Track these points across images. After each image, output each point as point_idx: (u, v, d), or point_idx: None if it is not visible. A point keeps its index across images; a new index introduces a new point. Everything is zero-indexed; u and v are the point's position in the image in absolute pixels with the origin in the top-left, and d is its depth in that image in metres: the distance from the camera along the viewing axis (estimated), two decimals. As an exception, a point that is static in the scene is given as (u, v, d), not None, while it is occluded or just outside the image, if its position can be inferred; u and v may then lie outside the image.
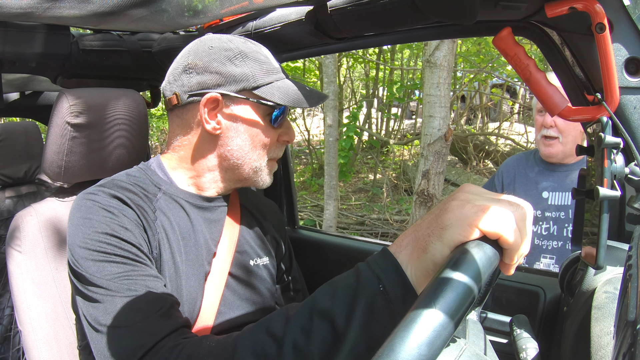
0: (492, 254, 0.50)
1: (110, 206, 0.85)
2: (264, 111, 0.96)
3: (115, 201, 0.87)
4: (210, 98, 0.92)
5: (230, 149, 0.96)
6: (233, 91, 0.93)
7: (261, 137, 0.97)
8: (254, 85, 0.93)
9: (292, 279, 1.23)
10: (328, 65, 4.45)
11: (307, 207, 6.37)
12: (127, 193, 0.90)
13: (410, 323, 0.42)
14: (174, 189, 0.99)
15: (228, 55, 0.93)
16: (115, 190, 0.89)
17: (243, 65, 0.93)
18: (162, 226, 0.92)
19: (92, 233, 0.82)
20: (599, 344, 0.59)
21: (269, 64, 0.97)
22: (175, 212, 0.96)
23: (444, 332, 0.42)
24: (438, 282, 0.46)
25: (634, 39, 0.79)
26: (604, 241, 0.74)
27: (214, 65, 0.92)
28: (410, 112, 10.08)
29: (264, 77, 0.94)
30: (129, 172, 1.00)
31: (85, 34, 1.43)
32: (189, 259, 0.94)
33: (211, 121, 0.94)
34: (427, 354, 0.40)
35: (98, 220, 0.83)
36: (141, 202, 0.91)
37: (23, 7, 0.93)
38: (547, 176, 1.68)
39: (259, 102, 0.94)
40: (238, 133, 0.96)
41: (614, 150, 0.74)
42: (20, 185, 1.99)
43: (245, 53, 0.94)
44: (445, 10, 0.89)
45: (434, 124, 2.76)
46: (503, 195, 0.56)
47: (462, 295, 0.44)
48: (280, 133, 1.01)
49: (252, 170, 0.99)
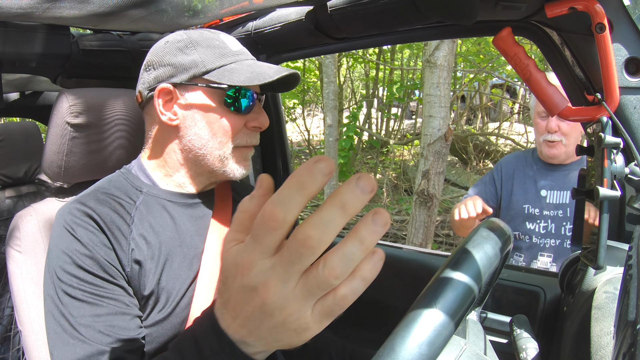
0: (492, 253, 0.50)
1: (81, 235, 0.86)
2: (219, 96, 0.94)
3: (86, 224, 0.87)
4: (162, 89, 0.94)
5: (190, 139, 0.95)
6: (184, 80, 0.93)
7: (220, 123, 0.94)
8: (204, 70, 0.92)
9: None
10: (328, 65, 4.45)
11: (307, 207, 6.37)
12: (103, 208, 0.90)
13: (410, 322, 0.42)
14: (156, 190, 0.99)
15: (179, 46, 0.94)
16: (91, 207, 0.89)
17: (194, 53, 0.93)
18: (140, 236, 0.91)
19: (63, 263, 0.84)
20: (599, 344, 0.59)
21: (223, 48, 0.94)
22: (157, 215, 0.95)
23: (445, 332, 0.42)
24: (438, 281, 0.46)
25: (634, 39, 0.79)
26: (604, 241, 0.74)
27: (166, 58, 0.94)
28: (410, 112, 10.08)
29: (214, 62, 0.93)
30: (110, 178, 1.00)
31: (85, 34, 1.43)
32: (174, 260, 0.94)
33: (167, 112, 0.95)
34: (428, 353, 0.40)
35: (69, 249, 0.85)
36: (116, 218, 0.91)
37: (23, 7, 0.93)
38: (546, 175, 1.70)
39: (209, 87, 0.93)
40: (195, 121, 0.95)
41: (614, 150, 0.74)
42: (20, 185, 1.99)
43: (197, 41, 0.94)
44: (445, 10, 0.90)
45: (434, 124, 2.76)
46: None
47: (463, 295, 0.44)
48: (248, 119, 0.97)
49: (217, 160, 0.96)
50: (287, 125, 8.11)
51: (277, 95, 1.64)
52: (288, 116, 8.41)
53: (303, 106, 9.05)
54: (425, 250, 1.47)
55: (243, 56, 0.96)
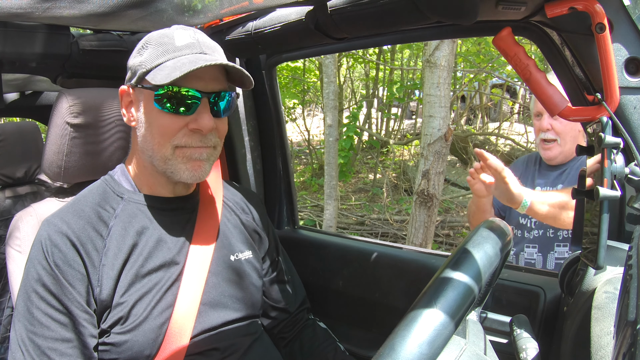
0: (492, 253, 0.50)
1: (51, 252, 0.89)
2: (153, 96, 0.92)
3: (60, 242, 0.89)
4: (121, 91, 0.97)
5: (140, 140, 0.97)
6: (134, 81, 0.94)
7: (158, 123, 0.92)
8: (144, 70, 0.92)
9: (279, 270, 1.22)
10: (328, 65, 4.45)
11: (307, 207, 6.36)
12: (79, 223, 0.92)
13: (411, 322, 0.42)
14: (137, 196, 1.00)
15: (138, 48, 0.96)
16: (67, 222, 0.92)
17: (144, 53, 0.94)
18: (116, 247, 0.93)
19: (32, 275, 0.88)
20: (599, 344, 0.59)
21: (167, 45, 0.92)
22: (136, 223, 0.96)
23: (445, 331, 0.42)
24: (439, 281, 0.46)
25: (634, 39, 0.79)
26: (604, 241, 0.74)
27: (130, 60, 0.97)
28: (410, 112, 10.08)
29: (154, 61, 0.91)
30: (92, 188, 1.02)
31: (85, 34, 1.42)
32: (154, 267, 0.94)
33: (127, 114, 0.98)
34: (428, 352, 0.40)
35: (40, 264, 0.89)
36: (91, 233, 0.92)
37: (23, 7, 0.93)
38: (544, 174, 1.73)
39: (144, 87, 0.92)
40: (141, 122, 0.96)
41: (614, 150, 0.74)
42: (20, 185, 1.98)
43: (150, 40, 0.94)
44: (445, 10, 0.90)
45: (434, 124, 2.76)
46: None
47: (463, 294, 0.45)
48: (189, 120, 0.92)
49: (161, 161, 0.94)
50: (287, 125, 8.11)
51: (277, 95, 1.64)
52: (288, 116, 8.41)
53: (303, 106, 9.06)
54: (425, 250, 1.47)
55: (186, 51, 0.92)
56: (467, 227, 5.12)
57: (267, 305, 1.20)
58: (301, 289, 1.28)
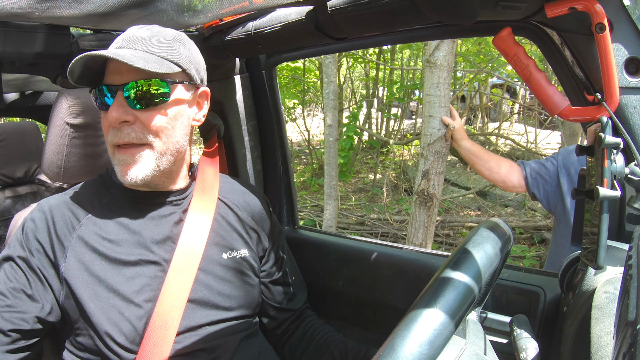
0: (492, 253, 0.50)
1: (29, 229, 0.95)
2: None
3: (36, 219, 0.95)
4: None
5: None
6: None
7: (102, 120, 0.97)
8: None
9: (284, 271, 1.22)
10: (328, 65, 4.45)
11: (307, 207, 6.36)
12: (60, 205, 0.97)
13: (411, 322, 0.42)
14: (125, 191, 1.02)
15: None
16: (49, 205, 0.97)
17: None
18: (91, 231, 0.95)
19: (8, 247, 0.96)
20: (599, 344, 0.59)
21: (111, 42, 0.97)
22: (118, 217, 0.98)
23: (445, 332, 0.42)
24: (439, 281, 0.46)
25: (634, 39, 0.79)
26: (604, 241, 0.74)
27: None
28: (410, 112, 10.08)
29: None
30: (88, 181, 1.07)
31: (85, 34, 1.42)
32: (130, 260, 0.95)
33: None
34: (428, 352, 0.40)
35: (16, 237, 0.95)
36: (68, 214, 0.96)
37: (23, 7, 0.93)
38: None
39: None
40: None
41: (614, 150, 0.74)
42: (20, 185, 1.99)
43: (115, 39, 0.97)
44: (445, 10, 0.89)
45: (434, 124, 2.76)
46: None
47: (463, 294, 0.45)
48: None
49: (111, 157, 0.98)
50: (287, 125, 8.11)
51: (277, 95, 1.64)
52: (288, 116, 8.40)
53: (303, 106, 9.05)
54: (425, 250, 1.47)
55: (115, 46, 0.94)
56: (467, 227, 5.12)
57: (271, 307, 1.19)
58: (304, 290, 1.29)
